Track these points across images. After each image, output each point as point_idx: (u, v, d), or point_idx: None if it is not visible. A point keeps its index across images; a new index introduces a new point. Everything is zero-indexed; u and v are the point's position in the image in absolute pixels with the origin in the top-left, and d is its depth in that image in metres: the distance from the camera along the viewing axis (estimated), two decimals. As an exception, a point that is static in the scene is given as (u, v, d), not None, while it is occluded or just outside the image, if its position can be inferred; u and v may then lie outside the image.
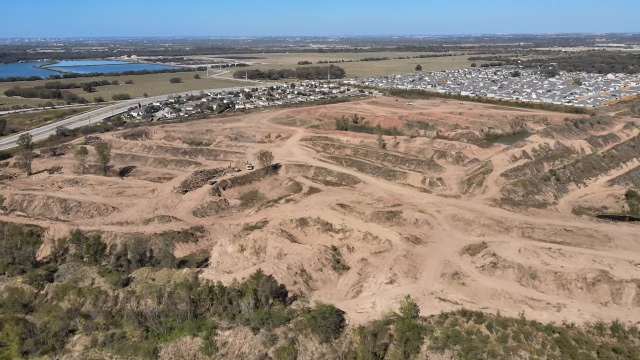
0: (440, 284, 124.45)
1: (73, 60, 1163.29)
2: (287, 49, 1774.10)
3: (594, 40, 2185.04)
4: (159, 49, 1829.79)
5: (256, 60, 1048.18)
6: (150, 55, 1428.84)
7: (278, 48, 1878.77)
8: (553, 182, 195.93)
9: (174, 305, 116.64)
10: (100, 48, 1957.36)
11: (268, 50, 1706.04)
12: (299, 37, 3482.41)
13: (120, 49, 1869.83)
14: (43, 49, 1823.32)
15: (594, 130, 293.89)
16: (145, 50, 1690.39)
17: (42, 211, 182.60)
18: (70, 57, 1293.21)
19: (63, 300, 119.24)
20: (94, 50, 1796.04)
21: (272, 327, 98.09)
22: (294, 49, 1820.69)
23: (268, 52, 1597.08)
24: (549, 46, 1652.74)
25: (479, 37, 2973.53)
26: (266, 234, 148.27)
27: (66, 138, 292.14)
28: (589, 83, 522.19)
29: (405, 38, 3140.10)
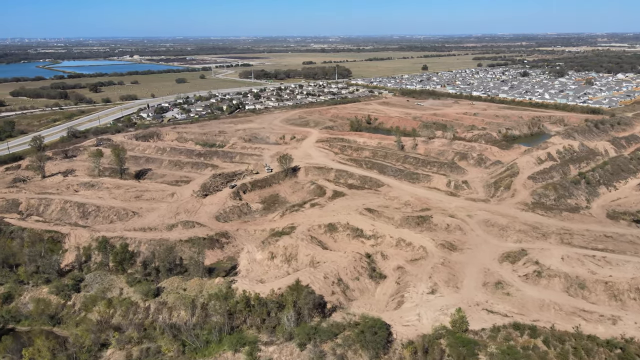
0: (484, 294, 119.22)
1: (75, 61, 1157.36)
2: (289, 49, 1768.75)
3: (596, 40, 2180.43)
4: (161, 49, 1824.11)
5: (260, 60, 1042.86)
6: (152, 55, 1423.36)
7: (280, 48, 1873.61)
8: (583, 185, 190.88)
9: (208, 317, 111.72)
10: (102, 48, 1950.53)
11: (270, 50, 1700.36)
12: (300, 37, 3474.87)
13: (122, 49, 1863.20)
14: (44, 49, 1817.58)
15: (615, 131, 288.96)
16: (146, 50, 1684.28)
17: (60, 216, 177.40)
18: (72, 57, 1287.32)
19: (92, 312, 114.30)
20: (95, 50, 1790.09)
21: (320, 342, 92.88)
22: (296, 48, 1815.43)
23: (270, 52, 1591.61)
24: (552, 46, 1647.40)
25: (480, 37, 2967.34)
26: (296, 241, 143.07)
27: (77, 139, 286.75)
28: (600, 83, 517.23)
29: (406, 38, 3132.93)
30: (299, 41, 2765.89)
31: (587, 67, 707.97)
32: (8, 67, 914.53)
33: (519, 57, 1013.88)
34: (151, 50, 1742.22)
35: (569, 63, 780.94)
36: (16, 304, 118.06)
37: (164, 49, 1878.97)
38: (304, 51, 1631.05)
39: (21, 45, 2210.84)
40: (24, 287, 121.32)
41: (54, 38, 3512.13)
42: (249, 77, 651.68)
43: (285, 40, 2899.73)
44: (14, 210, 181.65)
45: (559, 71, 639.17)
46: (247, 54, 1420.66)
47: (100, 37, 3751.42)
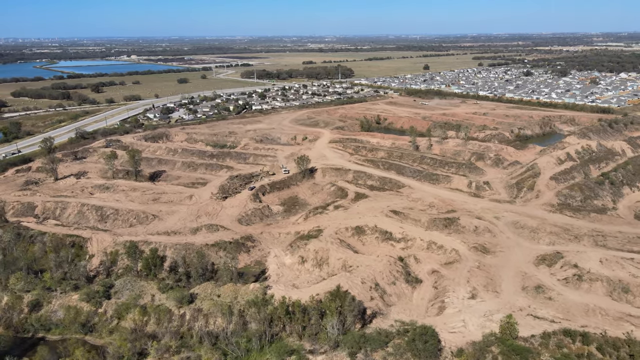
0: (525, 298, 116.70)
1: (72, 61, 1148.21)
2: (286, 49, 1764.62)
3: (592, 39, 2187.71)
4: (157, 49, 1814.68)
5: (259, 60, 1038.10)
6: (149, 55, 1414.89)
7: (277, 48, 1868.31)
8: (608, 186, 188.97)
9: (245, 325, 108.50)
10: (97, 48, 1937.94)
11: (267, 50, 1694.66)
12: (296, 37, 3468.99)
13: (118, 49, 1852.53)
14: (39, 49, 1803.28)
15: (628, 131, 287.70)
16: (143, 50, 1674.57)
17: (77, 219, 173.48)
18: (69, 58, 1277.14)
19: (125, 319, 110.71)
20: (91, 50, 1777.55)
21: (370, 351, 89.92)
22: (294, 48, 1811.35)
23: (268, 51, 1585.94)
24: (549, 45, 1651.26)
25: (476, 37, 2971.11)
26: (327, 244, 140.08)
27: (85, 141, 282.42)
28: (605, 82, 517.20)
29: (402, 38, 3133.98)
30: (296, 41, 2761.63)
31: (589, 66, 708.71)
32: (5, 68, 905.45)
33: (518, 57, 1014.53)
34: (148, 50, 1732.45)
35: (570, 62, 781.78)
36: (45, 311, 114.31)
37: (160, 48, 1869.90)
38: (301, 51, 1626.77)
39: (16, 46, 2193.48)
40: (52, 294, 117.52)
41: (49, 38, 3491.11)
42: (251, 77, 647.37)
43: (282, 40, 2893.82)
44: (29, 213, 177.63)
45: (562, 70, 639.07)
46: (244, 54, 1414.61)
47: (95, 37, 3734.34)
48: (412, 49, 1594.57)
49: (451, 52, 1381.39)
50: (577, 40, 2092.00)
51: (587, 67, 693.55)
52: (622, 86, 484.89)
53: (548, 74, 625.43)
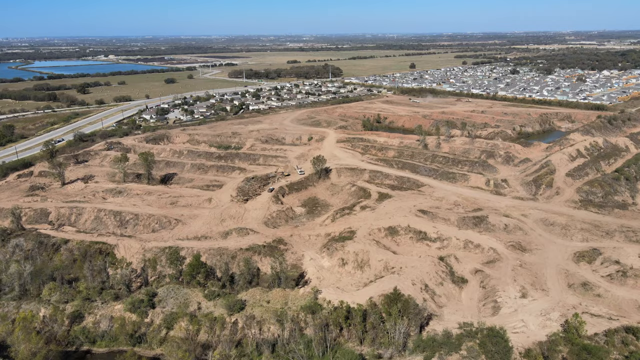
0: (574, 296, 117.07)
1: (48, 61, 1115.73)
2: (266, 48, 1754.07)
3: (564, 37, 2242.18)
4: (134, 49, 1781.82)
5: (242, 60, 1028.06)
6: (127, 55, 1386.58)
7: (257, 47, 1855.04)
8: (623, 181, 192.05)
9: (299, 331, 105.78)
10: (71, 48, 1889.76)
11: (247, 49, 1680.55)
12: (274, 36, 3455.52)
13: (93, 48, 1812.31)
14: (10, 49, 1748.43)
15: (627, 127, 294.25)
16: (120, 50, 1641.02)
17: (95, 225, 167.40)
18: (44, 58, 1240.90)
19: (174, 329, 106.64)
20: (65, 50, 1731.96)
21: (445, 355, 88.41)
22: (274, 48, 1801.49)
23: (248, 51, 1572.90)
24: (525, 44, 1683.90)
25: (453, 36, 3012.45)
26: (366, 246, 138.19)
27: (85, 143, 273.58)
28: (591, 80, 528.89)
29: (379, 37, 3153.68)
30: (274, 40, 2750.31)
31: (570, 64, 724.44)
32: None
33: (499, 55, 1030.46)
34: (124, 50, 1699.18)
35: (551, 60, 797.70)
36: (88, 323, 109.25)
37: (137, 48, 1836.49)
38: (282, 50, 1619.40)
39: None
40: (93, 304, 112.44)
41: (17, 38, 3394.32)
42: (239, 76, 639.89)
43: (259, 39, 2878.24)
44: (43, 220, 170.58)
45: (546, 68, 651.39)
46: (225, 53, 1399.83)
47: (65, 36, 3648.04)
48: (393, 47, 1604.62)
49: (431, 50, 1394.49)
50: (550, 38, 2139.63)
51: (569, 65, 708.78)
52: (608, 83, 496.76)
53: (533, 71, 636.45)
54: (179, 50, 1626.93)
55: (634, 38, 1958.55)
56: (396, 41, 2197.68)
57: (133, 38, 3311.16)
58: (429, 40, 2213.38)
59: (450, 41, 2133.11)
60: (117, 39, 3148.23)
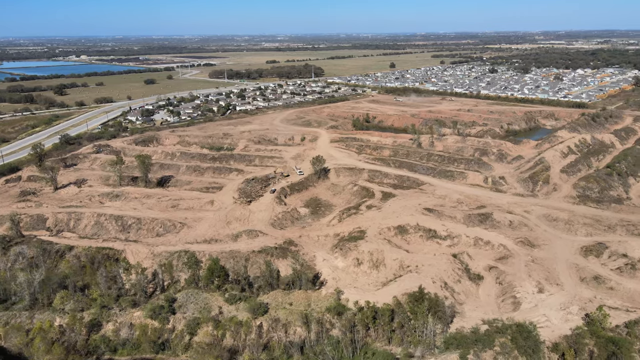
0: (588, 289, 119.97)
1: (17, 62, 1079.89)
2: (242, 48, 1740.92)
3: (534, 37, 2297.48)
4: (105, 49, 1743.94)
5: (219, 60, 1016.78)
6: (99, 55, 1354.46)
7: (232, 47, 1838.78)
8: (616, 177, 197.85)
9: (325, 332, 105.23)
10: (39, 48, 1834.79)
11: (223, 49, 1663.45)
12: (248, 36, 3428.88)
13: (63, 48, 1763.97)
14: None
15: (609, 124, 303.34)
16: (91, 50, 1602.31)
17: (96, 230, 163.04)
18: (11, 58, 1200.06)
19: (197, 335, 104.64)
20: (33, 50, 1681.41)
21: (480, 351, 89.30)
22: (250, 48, 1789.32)
23: (224, 51, 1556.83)
24: (498, 43, 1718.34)
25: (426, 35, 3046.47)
26: (380, 245, 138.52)
27: (71, 146, 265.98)
28: (567, 79, 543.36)
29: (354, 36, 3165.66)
30: (248, 40, 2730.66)
31: (545, 63, 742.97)
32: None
33: (475, 55, 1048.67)
34: (95, 50, 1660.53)
35: (526, 60, 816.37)
36: (107, 331, 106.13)
37: (108, 48, 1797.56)
38: (259, 50, 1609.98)
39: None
40: (111, 312, 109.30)
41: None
42: (220, 77, 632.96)
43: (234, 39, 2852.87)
44: (40, 226, 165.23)
45: (523, 67, 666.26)
46: (201, 54, 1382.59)
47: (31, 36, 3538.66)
48: (369, 47, 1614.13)
49: (408, 50, 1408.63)
50: (521, 38, 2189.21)
51: (544, 64, 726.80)
52: (584, 82, 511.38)
53: (511, 70, 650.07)
54: (153, 50, 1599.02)
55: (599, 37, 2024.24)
56: (371, 41, 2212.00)
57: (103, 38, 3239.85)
58: (403, 40, 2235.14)
59: (425, 41, 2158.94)
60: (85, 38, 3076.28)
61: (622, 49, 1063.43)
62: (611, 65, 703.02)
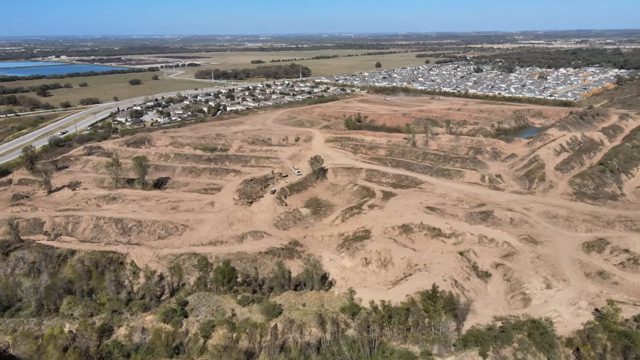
0: (593, 284, 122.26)
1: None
2: (226, 48, 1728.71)
3: (514, 37, 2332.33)
4: (85, 49, 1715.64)
5: (204, 60, 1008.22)
6: (79, 55, 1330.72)
7: (215, 47, 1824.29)
8: (609, 174, 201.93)
9: (341, 332, 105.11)
10: (16, 48, 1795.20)
11: (206, 49, 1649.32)
12: (230, 36, 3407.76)
13: (41, 48, 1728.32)
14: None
15: (597, 122, 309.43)
16: (70, 50, 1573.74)
17: (95, 234, 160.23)
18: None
19: (212, 337, 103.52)
20: (10, 50, 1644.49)
21: (499, 348, 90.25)
22: (233, 48, 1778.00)
23: (207, 51, 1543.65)
24: (480, 43, 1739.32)
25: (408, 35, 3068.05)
26: (387, 244, 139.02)
27: (61, 148, 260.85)
28: (551, 78, 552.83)
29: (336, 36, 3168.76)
30: (231, 40, 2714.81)
31: (527, 62, 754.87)
32: None
33: (459, 55, 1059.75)
34: (75, 50, 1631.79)
35: (509, 59, 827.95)
36: (118, 336, 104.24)
37: (88, 48, 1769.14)
38: (242, 50, 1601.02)
39: None
40: (122, 316, 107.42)
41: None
42: (206, 77, 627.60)
43: (216, 39, 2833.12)
44: (38, 230, 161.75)
45: (507, 67, 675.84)
46: (184, 54, 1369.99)
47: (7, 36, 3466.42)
48: (353, 47, 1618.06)
49: (392, 50, 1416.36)
50: (501, 38, 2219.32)
51: (527, 64, 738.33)
52: (568, 81, 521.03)
53: (495, 70, 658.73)
54: (134, 51, 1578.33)
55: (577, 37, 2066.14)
56: (354, 40, 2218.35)
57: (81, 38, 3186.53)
58: (386, 40, 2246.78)
59: (407, 40, 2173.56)
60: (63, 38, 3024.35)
61: (601, 49, 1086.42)
62: (592, 65, 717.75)
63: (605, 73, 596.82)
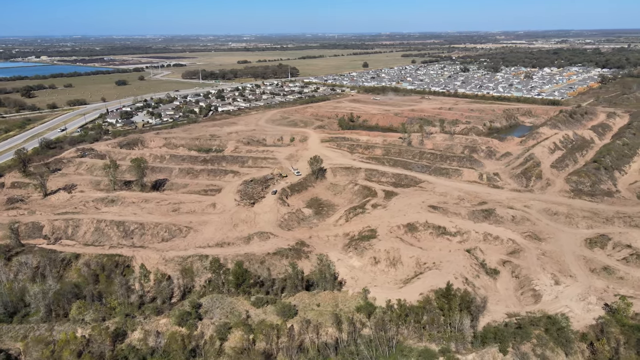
0: (599, 280, 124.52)
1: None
2: (210, 48, 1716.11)
3: (495, 37, 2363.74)
4: (65, 49, 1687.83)
5: (189, 60, 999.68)
6: (60, 55, 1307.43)
7: (199, 47, 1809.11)
8: (603, 171, 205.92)
9: (357, 332, 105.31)
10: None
11: (190, 49, 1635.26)
12: (213, 36, 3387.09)
13: (19, 49, 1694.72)
14: None
15: (586, 120, 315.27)
16: (50, 51, 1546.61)
17: (97, 237, 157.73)
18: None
19: (228, 340, 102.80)
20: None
21: (518, 344, 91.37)
22: (217, 48, 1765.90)
23: (191, 51, 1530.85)
24: (463, 43, 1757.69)
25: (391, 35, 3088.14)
26: (395, 243, 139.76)
27: (52, 150, 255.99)
28: (537, 77, 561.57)
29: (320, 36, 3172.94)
30: (214, 40, 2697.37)
31: (512, 62, 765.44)
32: None
33: (444, 54, 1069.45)
34: (55, 50, 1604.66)
35: (494, 59, 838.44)
36: (132, 340, 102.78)
37: (68, 48, 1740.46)
38: (227, 50, 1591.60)
39: None
40: (135, 320, 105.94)
41: None
42: (193, 77, 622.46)
43: (199, 39, 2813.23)
44: (37, 234, 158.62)
45: (493, 66, 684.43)
46: (168, 54, 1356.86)
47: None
48: (338, 47, 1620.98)
49: (377, 50, 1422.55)
50: (483, 38, 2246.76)
51: (512, 63, 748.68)
52: (553, 80, 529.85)
53: (482, 70, 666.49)
54: (117, 51, 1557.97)
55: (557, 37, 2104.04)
56: (338, 41, 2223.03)
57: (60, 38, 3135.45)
58: (369, 40, 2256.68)
59: (391, 40, 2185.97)
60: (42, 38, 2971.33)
61: (581, 49, 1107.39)
62: (574, 64, 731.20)
63: (589, 72, 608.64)
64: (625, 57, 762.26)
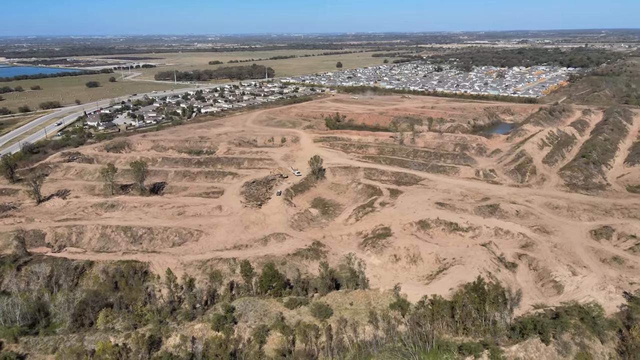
0: (612, 269, 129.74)
1: None
2: (177, 49, 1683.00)
3: (458, 37, 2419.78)
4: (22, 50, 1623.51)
5: (158, 61, 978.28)
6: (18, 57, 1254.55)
7: (164, 48, 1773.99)
8: (592, 165, 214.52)
9: (393, 329, 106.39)
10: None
11: (156, 50, 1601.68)
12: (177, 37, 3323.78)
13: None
14: None
15: (564, 117, 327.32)
16: (7, 52, 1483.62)
17: (103, 244, 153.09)
18: None
19: (267, 342, 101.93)
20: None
21: (558, 334, 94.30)
22: (184, 48, 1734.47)
23: (157, 52, 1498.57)
24: (429, 43, 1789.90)
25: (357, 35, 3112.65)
26: (414, 240, 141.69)
27: (36, 155, 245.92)
28: (508, 76, 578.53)
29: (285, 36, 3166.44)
30: (178, 40, 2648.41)
31: (481, 62, 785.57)
32: None
33: (413, 54, 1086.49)
34: (12, 51, 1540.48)
35: (463, 59, 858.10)
36: (167, 347, 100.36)
37: (25, 49, 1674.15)
38: (194, 50, 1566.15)
39: None
40: (169, 327, 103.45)
41: None
42: (167, 78, 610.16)
43: (162, 40, 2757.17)
44: (40, 242, 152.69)
45: (464, 66, 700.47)
46: (134, 54, 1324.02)
47: None
48: (306, 47, 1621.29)
49: (346, 50, 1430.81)
50: (447, 38, 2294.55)
51: (482, 63, 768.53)
52: (525, 79, 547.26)
53: (454, 69, 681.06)
54: (78, 52, 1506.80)
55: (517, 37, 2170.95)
56: (304, 41, 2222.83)
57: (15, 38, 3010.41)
58: (336, 40, 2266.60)
59: (358, 41, 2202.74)
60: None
61: (543, 48, 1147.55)
62: (540, 63, 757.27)
63: (556, 71, 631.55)
64: (586, 56, 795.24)
